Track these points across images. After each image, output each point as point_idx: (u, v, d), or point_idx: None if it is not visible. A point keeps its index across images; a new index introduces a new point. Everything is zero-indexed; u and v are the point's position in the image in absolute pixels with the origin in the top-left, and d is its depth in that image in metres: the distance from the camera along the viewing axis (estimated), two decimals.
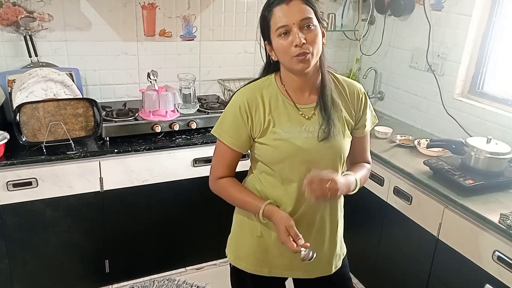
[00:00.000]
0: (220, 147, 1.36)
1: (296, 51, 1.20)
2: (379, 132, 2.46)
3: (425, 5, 2.54)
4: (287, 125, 1.30)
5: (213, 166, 1.41)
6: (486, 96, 2.35)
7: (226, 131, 1.33)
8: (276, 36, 1.23)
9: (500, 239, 1.64)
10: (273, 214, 1.28)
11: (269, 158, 1.33)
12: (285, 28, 1.21)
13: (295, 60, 1.22)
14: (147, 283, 2.43)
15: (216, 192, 1.42)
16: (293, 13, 1.19)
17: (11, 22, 2.27)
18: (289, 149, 1.29)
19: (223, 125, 1.35)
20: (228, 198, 1.39)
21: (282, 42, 1.22)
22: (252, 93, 1.32)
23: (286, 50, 1.22)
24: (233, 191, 1.38)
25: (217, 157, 1.39)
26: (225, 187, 1.39)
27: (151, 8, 2.53)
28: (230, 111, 1.33)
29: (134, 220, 2.31)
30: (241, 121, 1.31)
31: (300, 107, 1.32)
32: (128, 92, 2.64)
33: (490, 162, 1.91)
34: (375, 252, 2.34)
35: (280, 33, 1.22)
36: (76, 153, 2.05)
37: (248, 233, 1.44)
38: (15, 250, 2.08)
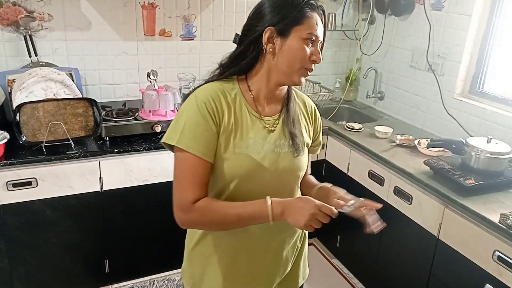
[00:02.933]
0: (188, 162, 1.07)
1: (309, 64, 1.11)
2: (379, 132, 2.46)
3: (425, 5, 2.54)
4: (250, 136, 1.13)
5: (182, 190, 1.08)
6: (486, 96, 2.35)
7: (193, 138, 1.06)
8: (302, 38, 1.09)
9: (500, 239, 1.64)
10: (285, 202, 1.06)
11: (227, 173, 1.12)
12: (316, 38, 1.10)
13: (301, 71, 1.12)
14: (147, 283, 2.44)
15: (194, 222, 1.11)
16: (322, 31, 1.12)
17: (11, 22, 2.26)
18: (249, 164, 1.12)
19: (187, 131, 1.06)
20: (217, 221, 1.09)
21: (306, 48, 1.09)
22: (217, 93, 1.12)
23: (304, 57, 1.10)
24: (224, 209, 1.08)
25: (186, 175, 1.08)
26: (210, 209, 1.08)
27: (151, 8, 2.53)
28: (193, 114, 1.07)
29: (134, 220, 2.31)
30: (209, 122, 1.08)
31: (264, 119, 1.17)
32: (128, 92, 2.64)
33: (490, 162, 1.90)
34: (375, 252, 2.34)
35: (309, 38, 1.09)
36: (76, 153, 2.05)
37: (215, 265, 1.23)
38: (15, 250, 2.08)
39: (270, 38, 1.10)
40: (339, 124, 2.72)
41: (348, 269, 2.66)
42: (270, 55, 1.12)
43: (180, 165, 1.09)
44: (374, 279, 2.41)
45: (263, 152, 1.14)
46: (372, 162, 2.29)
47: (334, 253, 2.78)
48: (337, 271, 2.70)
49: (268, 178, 1.15)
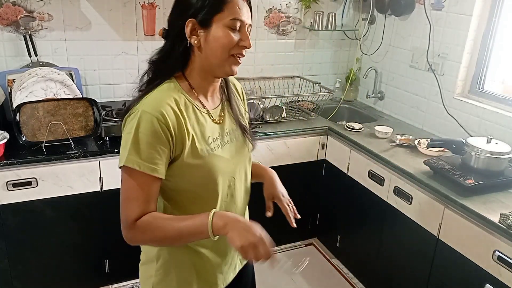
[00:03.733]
0: (139, 181, 1.03)
1: (238, 50, 1.07)
2: (379, 132, 2.46)
3: (425, 5, 2.54)
4: (208, 136, 1.11)
5: (126, 208, 1.04)
6: (486, 95, 2.35)
7: (146, 158, 1.01)
8: (226, 25, 1.04)
9: (500, 239, 1.64)
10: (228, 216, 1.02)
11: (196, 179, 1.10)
12: (240, 23, 1.06)
13: (231, 60, 1.08)
14: None
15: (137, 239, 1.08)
16: (249, 14, 1.09)
17: (11, 21, 2.26)
18: (218, 164, 1.12)
19: (141, 151, 1.01)
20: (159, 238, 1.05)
21: (230, 34, 1.05)
22: (166, 104, 1.04)
23: (231, 44, 1.05)
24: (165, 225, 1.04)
25: (136, 193, 1.03)
26: (152, 225, 1.03)
27: (151, 7, 2.52)
28: (144, 129, 1.01)
29: None
30: (161, 137, 1.02)
31: (211, 112, 1.15)
32: (128, 92, 2.64)
33: (490, 162, 1.90)
34: (375, 252, 2.34)
35: (232, 25, 1.05)
36: (76, 152, 2.05)
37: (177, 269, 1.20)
38: (15, 250, 2.08)
39: (193, 30, 1.06)
40: (339, 124, 2.72)
41: (348, 269, 2.66)
42: (197, 48, 1.08)
43: (126, 183, 1.04)
44: (374, 279, 2.41)
45: (223, 146, 1.15)
46: (372, 162, 2.29)
47: (334, 253, 2.78)
48: (337, 271, 2.70)
49: (233, 168, 1.17)
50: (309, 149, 2.65)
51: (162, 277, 1.21)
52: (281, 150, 2.52)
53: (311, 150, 2.66)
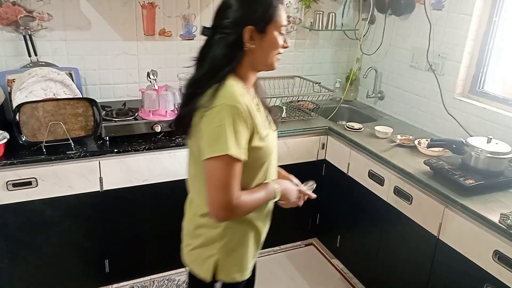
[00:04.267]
0: (234, 167, 1.18)
1: (281, 51, 1.31)
2: (379, 132, 2.46)
3: (425, 5, 2.54)
4: (261, 122, 1.29)
5: (226, 192, 1.19)
6: (486, 95, 2.35)
7: (241, 146, 1.19)
8: (277, 30, 1.26)
9: (500, 239, 1.64)
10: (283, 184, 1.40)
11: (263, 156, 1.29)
12: (284, 29, 1.29)
13: (276, 59, 1.31)
14: (147, 283, 2.44)
15: (234, 216, 1.25)
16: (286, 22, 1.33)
17: (10, 21, 2.26)
18: (272, 142, 1.35)
19: (236, 140, 1.17)
20: (250, 208, 1.28)
21: (279, 39, 1.27)
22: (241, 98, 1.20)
23: (278, 47, 1.28)
24: (251, 199, 1.27)
25: (231, 179, 1.18)
26: (244, 203, 1.24)
27: (151, 7, 2.52)
28: (232, 122, 1.17)
29: (134, 219, 2.31)
30: (246, 127, 1.20)
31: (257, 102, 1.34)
32: (128, 92, 2.64)
33: (491, 161, 1.90)
34: (375, 252, 2.34)
35: (282, 30, 1.27)
36: (76, 152, 2.05)
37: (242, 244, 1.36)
38: (15, 250, 2.08)
39: (251, 37, 1.22)
40: (339, 124, 2.72)
41: (348, 269, 2.66)
42: (249, 50, 1.24)
43: (225, 170, 1.18)
44: (374, 279, 2.41)
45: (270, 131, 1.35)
46: (372, 162, 2.29)
47: (334, 253, 2.78)
48: (337, 271, 2.70)
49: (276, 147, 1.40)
50: (309, 149, 2.65)
51: (226, 253, 1.34)
52: (281, 150, 2.52)
53: (311, 150, 2.66)
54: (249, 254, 1.39)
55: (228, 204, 1.19)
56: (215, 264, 1.34)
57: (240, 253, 1.37)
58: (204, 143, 1.19)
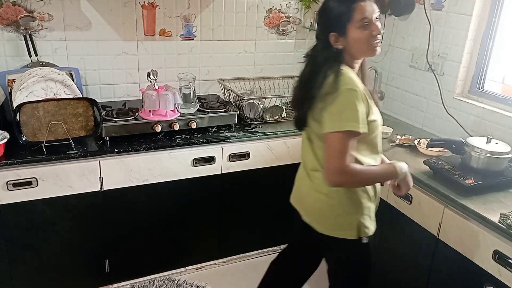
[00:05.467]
0: (350, 139, 1.42)
1: (374, 40, 1.47)
2: None
3: (425, 5, 2.54)
4: (372, 104, 1.53)
5: (343, 159, 1.42)
6: (486, 95, 2.35)
7: (363, 121, 1.43)
8: (357, 27, 1.44)
9: (500, 239, 1.64)
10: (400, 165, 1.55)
11: (376, 128, 1.55)
12: (367, 20, 1.44)
13: (371, 48, 1.49)
14: (147, 283, 2.44)
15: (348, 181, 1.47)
16: (372, 9, 1.46)
17: (11, 21, 2.27)
18: (379, 117, 1.58)
19: (360, 116, 1.42)
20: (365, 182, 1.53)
21: (362, 33, 1.45)
22: (357, 81, 1.47)
23: (366, 40, 1.47)
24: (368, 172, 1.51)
25: (349, 148, 1.43)
26: (361, 169, 1.48)
27: (151, 7, 2.53)
28: (355, 102, 1.42)
29: (134, 219, 2.31)
30: (365, 105, 1.46)
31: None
32: (128, 92, 2.64)
33: (490, 161, 1.91)
34: (375, 252, 2.34)
35: (362, 24, 1.44)
36: (76, 152, 2.05)
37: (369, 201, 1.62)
38: (15, 250, 2.08)
39: (336, 39, 1.48)
40: None
41: None
42: (344, 48, 1.49)
43: (341, 141, 1.42)
44: (374, 279, 2.41)
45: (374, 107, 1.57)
46: None
47: None
48: None
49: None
50: None
51: (364, 212, 1.63)
52: (281, 150, 2.52)
53: None
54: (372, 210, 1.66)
55: (341, 169, 1.41)
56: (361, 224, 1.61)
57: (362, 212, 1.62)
58: (327, 120, 1.44)
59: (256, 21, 2.82)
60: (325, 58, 1.50)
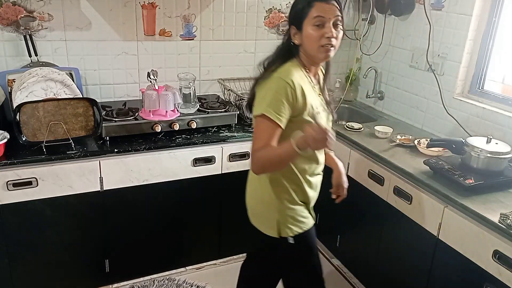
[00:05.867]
0: (268, 125, 1.43)
1: (325, 41, 1.45)
2: (379, 132, 2.46)
3: (425, 5, 2.54)
4: (316, 101, 1.54)
5: (255, 144, 1.44)
6: (486, 95, 2.35)
7: (279, 110, 1.42)
8: (311, 25, 1.44)
9: (500, 238, 1.64)
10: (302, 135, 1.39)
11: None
12: (321, 20, 1.44)
13: (322, 49, 1.46)
14: (147, 282, 2.44)
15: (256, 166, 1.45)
16: (331, 11, 1.45)
17: (11, 21, 2.27)
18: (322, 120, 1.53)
19: (276, 104, 1.42)
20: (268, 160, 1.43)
21: (315, 32, 1.45)
22: (295, 76, 1.47)
23: (317, 39, 1.45)
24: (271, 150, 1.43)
25: (263, 136, 1.43)
26: (264, 152, 1.43)
27: (151, 7, 2.53)
28: (280, 91, 1.43)
29: (134, 219, 2.31)
30: (292, 100, 1.44)
31: (315, 87, 1.58)
32: (128, 92, 2.64)
33: (490, 161, 1.91)
34: (375, 252, 2.34)
35: (315, 23, 1.44)
36: (76, 152, 2.05)
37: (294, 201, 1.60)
38: (15, 250, 2.08)
39: (295, 33, 1.50)
40: (339, 124, 2.72)
41: (348, 269, 2.66)
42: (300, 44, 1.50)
43: (258, 126, 1.45)
44: (374, 279, 2.42)
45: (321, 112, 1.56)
46: (372, 162, 2.29)
47: (334, 253, 2.78)
48: (337, 271, 2.70)
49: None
50: None
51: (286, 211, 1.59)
52: None
53: None
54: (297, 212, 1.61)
55: (253, 155, 1.44)
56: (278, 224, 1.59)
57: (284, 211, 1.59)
58: (255, 104, 1.49)
59: (256, 21, 2.82)
60: (281, 49, 1.56)
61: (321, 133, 1.33)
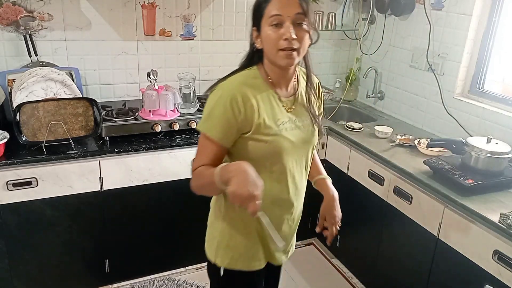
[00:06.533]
0: (206, 143, 1.26)
1: (284, 44, 1.19)
2: (379, 132, 2.46)
3: (425, 5, 2.54)
4: (277, 118, 1.29)
5: (195, 161, 1.28)
6: (486, 95, 2.35)
7: (214, 125, 1.24)
8: (268, 24, 1.21)
9: (500, 238, 1.64)
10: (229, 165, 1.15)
11: (263, 153, 1.27)
12: (278, 18, 1.19)
13: (281, 54, 1.21)
14: (147, 282, 2.44)
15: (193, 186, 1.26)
16: (290, 7, 1.19)
17: (11, 21, 2.26)
18: (283, 143, 1.28)
19: (211, 120, 1.24)
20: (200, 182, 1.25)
21: (272, 33, 1.20)
22: (242, 87, 1.25)
23: (274, 41, 1.20)
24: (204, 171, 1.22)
25: (201, 154, 1.27)
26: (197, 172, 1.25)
27: (151, 7, 2.53)
28: (219, 105, 1.23)
29: (134, 220, 2.31)
30: (232, 115, 1.23)
31: (283, 100, 1.32)
32: (128, 92, 2.64)
33: (490, 161, 1.91)
34: (375, 252, 2.34)
35: (272, 22, 1.20)
36: (76, 152, 2.05)
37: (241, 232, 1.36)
38: (15, 250, 2.08)
39: (256, 36, 1.27)
40: (339, 124, 2.72)
41: (348, 269, 2.66)
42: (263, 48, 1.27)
43: (200, 145, 1.28)
44: (374, 279, 2.42)
45: (291, 130, 1.31)
46: (372, 162, 2.29)
47: (334, 253, 2.78)
48: (337, 271, 2.70)
49: (295, 151, 1.32)
50: None
51: (228, 238, 1.38)
52: None
53: None
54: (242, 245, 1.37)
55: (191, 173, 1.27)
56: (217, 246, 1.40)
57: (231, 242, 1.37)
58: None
59: None
60: (245, 56, 1.35)
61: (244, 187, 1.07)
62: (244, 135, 1.26)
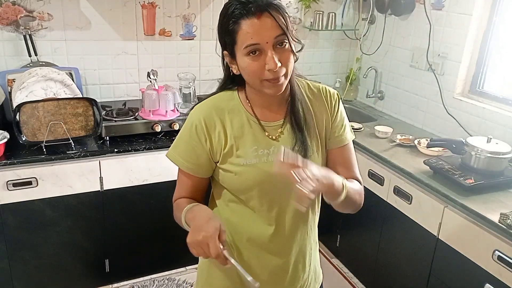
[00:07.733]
0: (179, 173, 1.16)
1: (269, 75, 1.00)
2: (379, 132, 2.46)
3: (425, 4, 2.54)
4: (253, 147, 1.10)
5: (174, 194, 1.19)
6: (486, 95, 2.35)
7: (181, 154, 1.13)
8: (244, 54, 1.00)
9: (500, 238, 1.64)
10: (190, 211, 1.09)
11: (234, 186, 1.13)
12: (256, 47, 0.99)
13: (266, 84, 1.02)
14: (147, 282, 2.44)
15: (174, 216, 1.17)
16: (266, 30, 0.98)
17: (10, 21, 2.26)
18: (256, 176, 1.09)
19: (178, 148, 1.14)
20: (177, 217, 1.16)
21: (251, 62, 1.00)
22: (210, 111, 1.10)
23: (256, 73, 1.01)
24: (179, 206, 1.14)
25: (178, 184, 1.18)
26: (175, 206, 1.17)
27: (151, 7, 2.52)
28: (185, 132, 1.12)
29: (134, 219, 2.31)
30: (198, 142, 1.10)
31: (266, 126, 1.11)
32: (128, 92, 2.64)
33: (490, 161, 1.91)
34: (375, 252, 2.34)
35: (249, 51, 0.99)
36: (76, 152, 2.05)
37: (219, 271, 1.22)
38: (15, 250, 2.08)
39: (230, 60, 1.07)
40: None
41: (348, 269, 2.66)
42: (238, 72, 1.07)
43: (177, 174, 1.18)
44: (374, 279, 2.42)
45: (269, 161, 1.09)
46: (372, 162, 2.29)
47: (334, 253, 2.78)
48: (337, 271, 2.70)
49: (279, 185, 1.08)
50: None
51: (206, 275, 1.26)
52: None
53: None
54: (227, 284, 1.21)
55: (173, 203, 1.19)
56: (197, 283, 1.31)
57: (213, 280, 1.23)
58: None
59: None
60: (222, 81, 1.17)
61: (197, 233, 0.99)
62: (217, 164, 1.13)
